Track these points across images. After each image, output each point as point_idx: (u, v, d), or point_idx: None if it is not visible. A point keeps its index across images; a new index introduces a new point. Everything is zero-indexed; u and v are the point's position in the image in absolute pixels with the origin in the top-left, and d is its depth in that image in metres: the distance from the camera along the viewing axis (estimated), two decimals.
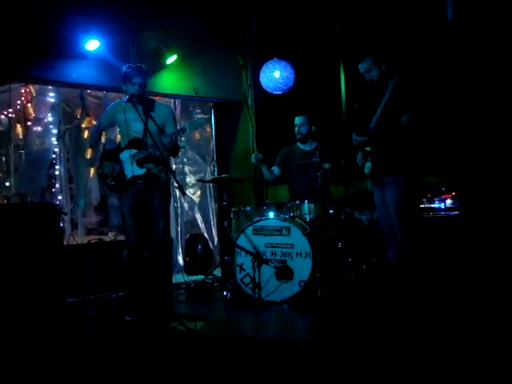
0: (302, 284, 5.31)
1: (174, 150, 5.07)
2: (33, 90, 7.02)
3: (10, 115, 7.08)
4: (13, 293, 4.88)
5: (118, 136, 5.27)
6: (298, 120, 6.27)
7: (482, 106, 5.73)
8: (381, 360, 3.60)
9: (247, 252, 5.47)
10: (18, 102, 7.04)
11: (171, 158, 5.49)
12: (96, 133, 5.51)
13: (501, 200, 5.45)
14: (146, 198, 5.01)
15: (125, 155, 5.01)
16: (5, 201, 6.77)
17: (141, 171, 4.95)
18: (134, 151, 4.96)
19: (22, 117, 7.08)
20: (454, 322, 4.30)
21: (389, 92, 4.77)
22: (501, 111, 5.61)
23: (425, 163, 4.80)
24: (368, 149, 4.80)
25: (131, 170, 4.96)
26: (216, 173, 7.71)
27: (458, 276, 5.25)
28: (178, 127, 5.19)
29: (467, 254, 5.31)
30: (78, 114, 7.50)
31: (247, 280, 5.48)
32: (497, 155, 5.59)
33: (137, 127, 4.97)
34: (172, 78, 6.85)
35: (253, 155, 6.33)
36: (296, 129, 6.27)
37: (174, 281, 6.16)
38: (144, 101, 4.97)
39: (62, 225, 6.32)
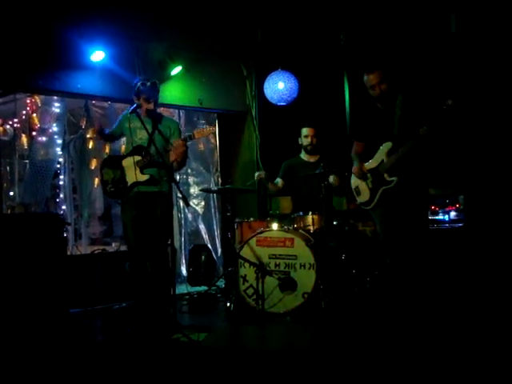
0: (305, 296, 5.29)
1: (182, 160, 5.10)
2: (38, 101, 7.05)
3: (15, 125, 7.11)
4: (16, 302, 4.88)
5: (123, 147, 5.30)
6: (309, 131, 6.27)
7: (485, 115, 5.74)
8: (384, 373, 3.58)
9: (251, 263, 5.46)
10: (24, 112, 7.07)
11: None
12: (110, 135, 5.37)
13: (505, 212, 5.44)
14: (149, 208, 5.03)
15: (127, 162, 5.05)
16: (9, 210, 6.77)
17: (143, 177, 4.98)
18: (137, 158, 4.99)
19: (27, 127, 7.11)
20: (458, 335, 4.28)
21: (399, 108, 4.76)
22: (505, 121, 5.61)
23: (431, 176, 4.83)
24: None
25: (134, 176, 4.99)
26: (220, 184, 7.71)
27: (462, 288, 5.24)
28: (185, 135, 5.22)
29: (471, 266, 5.30)
30: (83, 125, 7.52)
31: (250, 291, 5.47)
32: (502, 167, 5.59)
33: (142, 135, 5.01)
34: (177, 88, 6.87)
35: (256, 173, 6.32)
36: (308, 139, 6.26)
37: (177, 291, 6.13)
38: (153, 114, 5.03)
39: (65, 235, 6.33)
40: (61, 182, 7.53)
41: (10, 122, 7.14)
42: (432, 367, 3.58)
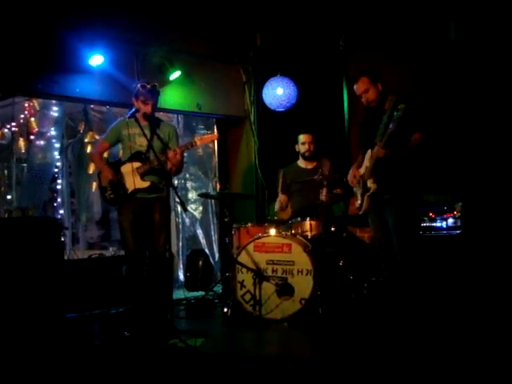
0: (302, 301, 5.28)
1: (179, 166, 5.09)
2: (36, 104, 7.05)
3: (13, 129, 7.10)
4: (12, 306, 4.86)
5: (121, 152, 5.28)
6: (307, 138, 6.23)
7: (484, 122, 5.75)
8: (382, 378, 3.57)
9: (248, 269, 5.45)
10: (22, 115, 7.06)
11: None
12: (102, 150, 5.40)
13: (503, 219, 5.44)
14: (147, 213, 5.02)
15: (126, 168, 5.02)
16: (6, 214, 6.77)
17: (144, 184, 4.96)
18: (136, 164, 4.97)
19: (25, 130, 7.10)
20: (456, 341, 4.27)
21: (387, 116, 4.72)
22: (503, 128, 5.62)
23: (423, 181, 4.82)
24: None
25: (133, 182, 4.97)
26: (218, 189, 7.71)
27: (459, 295, 5.23)
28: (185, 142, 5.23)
29: (469, 274, 5.29)
30: (81, 129, 7.52)
31: (248, 297, 5.45)
32: (499, 174, 5.59)
33: (140, 141, 4.99)
34: (175, 93, 6.87)
35: (276, 205, 6.32)
36: (305, 146, 6.20)
37: (174, 296, 6.15)
38: (151, 119, 5.00)
39: (63, 239, 6.33)
40: (58, 186, 7.52)
41: (8, 126, 7.13)
42: (430, 372, 3.57)
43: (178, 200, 4.68)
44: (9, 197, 7.12)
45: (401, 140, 4.61)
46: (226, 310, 5.55)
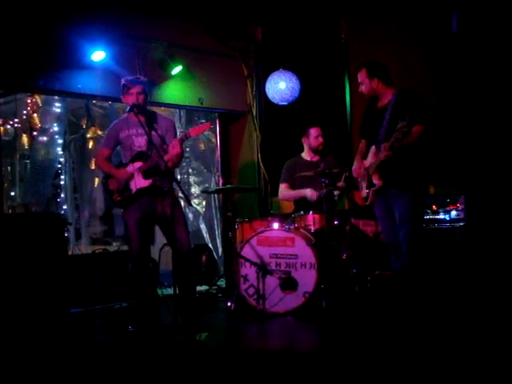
0: (306, 295, 5.29)
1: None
2: (39, 100, 7.06)
3: (15, 125, 7.11)
4: (17, 302, 4.89)
5: (122, 153, 5.22)
6: (319, 131, 6.19)
7: (486, 115, 5.74)
8: (385, 372, 3.58)
9: (251, 263, 5.46)
10: (24, 112, 7.08)
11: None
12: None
13: (506, 212, 5.44)
14: (153, 209, 4.95)
15: (130, 169, 4.96)
16: (10, 210, 6.79)
17: (145, 183, 4.90)
18: (138, 164, 4.93)
19: (28, 127, 7.12)
20: (459, 334, 4.28)
21: (389, 112, 4.71)
22: (505, 121, 5.61)
23: (428, 174, 4.82)
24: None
25: (136, 183, 4.93)
26: (221, 183, 7.71)
27: (462, 288, 5.24)
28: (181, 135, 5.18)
29: (472, 266, 5.30)
30: (84, 124, 7.53)
31: (251, 291, 5.46)
32: (502, 167, 5.59)
33: (139, 142, 4.94)
34: (177, 88, 6.85)
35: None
36: (320, 139, 6.16)
37: (178, 291, 6.15)
38: (146, 112, 4.96)
39: (66, 235, 6.35)
40: (62, 182, 7.54)
41: (11, 122, 7.14)
42: (433, 367, 3.57)
43: (181, 194, 4.66)
44: (12, 193, 7.15)
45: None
46: (229, 304, 5.57)
